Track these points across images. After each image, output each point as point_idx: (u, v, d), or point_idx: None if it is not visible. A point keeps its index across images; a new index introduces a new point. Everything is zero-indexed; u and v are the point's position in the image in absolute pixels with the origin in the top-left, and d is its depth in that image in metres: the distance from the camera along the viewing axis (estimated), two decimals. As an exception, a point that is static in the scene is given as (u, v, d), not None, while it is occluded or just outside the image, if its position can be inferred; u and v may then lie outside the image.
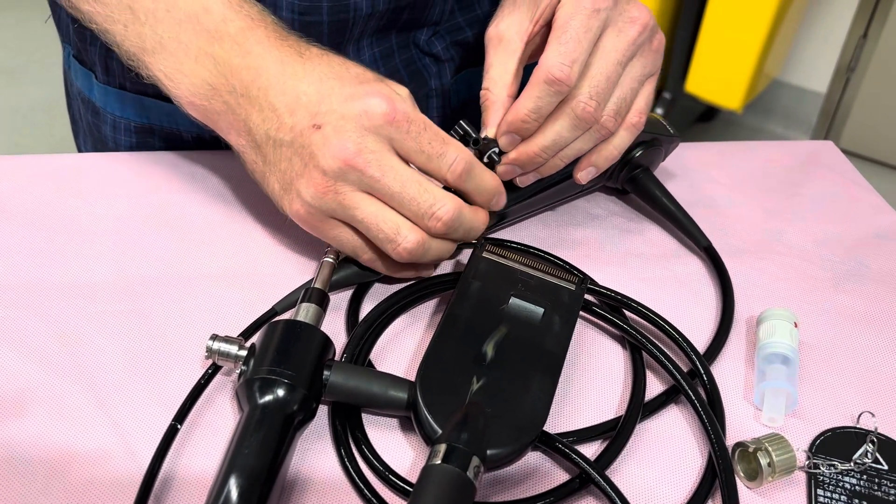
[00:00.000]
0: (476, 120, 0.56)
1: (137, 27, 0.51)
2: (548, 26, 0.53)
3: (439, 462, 0.40)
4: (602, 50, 0.52)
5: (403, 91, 0.50)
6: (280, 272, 0.56)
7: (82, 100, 0.76)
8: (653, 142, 0.62)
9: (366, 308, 0.53)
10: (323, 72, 0.49)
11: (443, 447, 0.40)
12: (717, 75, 2.27)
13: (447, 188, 0.51)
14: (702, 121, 2.72)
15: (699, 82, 2.31)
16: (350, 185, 0.47)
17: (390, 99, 0.48)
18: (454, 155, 0.49)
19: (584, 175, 0.56)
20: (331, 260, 0.52)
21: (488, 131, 0.54)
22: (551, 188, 0.60)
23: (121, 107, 0.71)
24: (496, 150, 0.54)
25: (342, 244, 0.51)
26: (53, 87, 2.65)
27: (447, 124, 0.51)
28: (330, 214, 0.49)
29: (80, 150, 0.83)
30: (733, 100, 2.29)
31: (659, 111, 2.41)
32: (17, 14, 3.12)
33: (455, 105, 0.74)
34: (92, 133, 0.76)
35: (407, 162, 0.49)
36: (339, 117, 0.47)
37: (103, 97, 0.72)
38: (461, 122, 0.54)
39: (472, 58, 0.73)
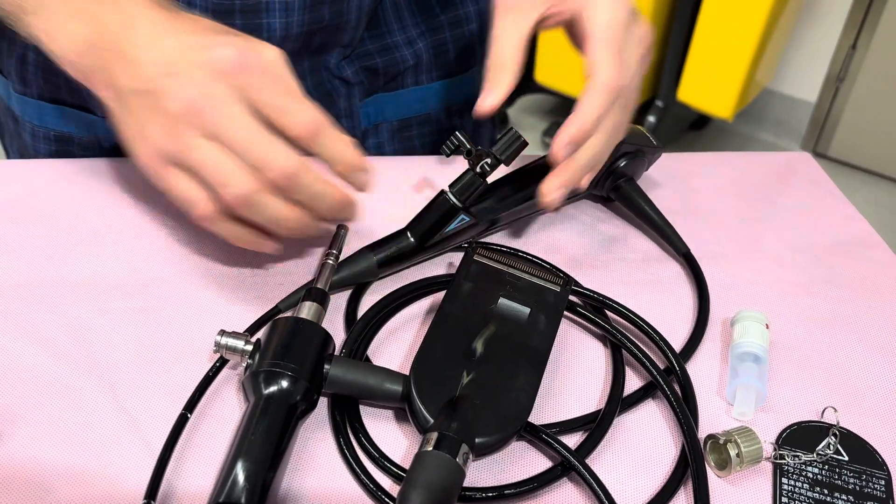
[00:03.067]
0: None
1: None
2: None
3: (431, 449, 0.43)
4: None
5: (271, 51, 0.49)
6: (282, 272, 0.59)
7: (3, 107, 0.78)
8: (636, 153, 0.66)
9: (364, 307, 0.57)
10: (187, 27, 0.50)
11: (434, 435, 0.44)
12: (709, 84, 2.31)
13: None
14: (693, 129, 2.77)
15: (691, 91, 2.34)
16: (194, 129, 0.48)
17: (242, 49, 0.48)
18: (306, 113, 0.49)
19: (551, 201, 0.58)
20: (331, 262, 0.55)
21: (492, 94, 0.56)
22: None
23: (39, 116, 0.73)
24: (488, 160, 0.57)
25: (181, 193, 0.50)
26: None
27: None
28: (171, 159, 0.49)
29: (7, 153, 0.85)
30: (724, 108, 2.32)
31: (651, 119, 2.45)
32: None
33: (365, 125, 0.77)
34: (14, 139, 0.78)
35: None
36: (190, 64, 0.48)
37: (21, 106, 0.74)
38: (456, 133, 0.58)
39: (381, 83, 0.76)
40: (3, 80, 0.75)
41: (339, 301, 0.57)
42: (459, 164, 0.59)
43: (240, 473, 0.42)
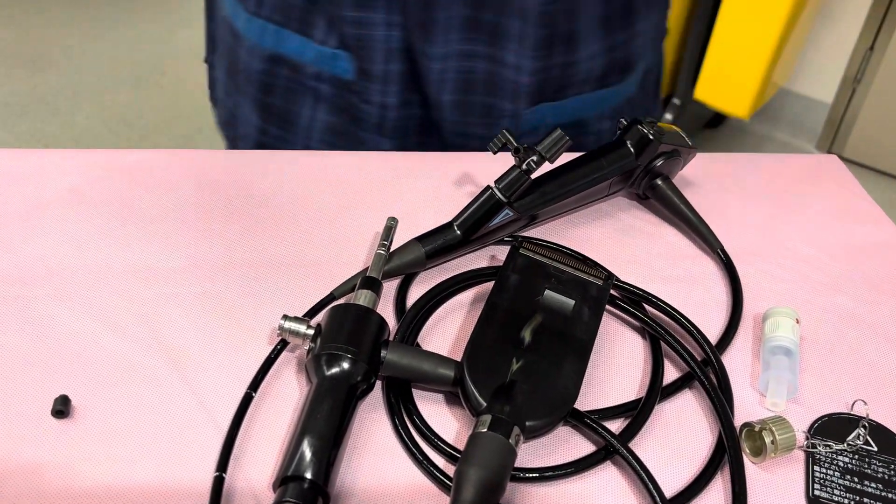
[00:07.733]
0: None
1: None
2: None
3: (486, 430, 0.46)
4: None
5: None
6: (335, 261, 0.62)
7: (227, 25, 0.86)
8: (673, 153, 0.68)
9: (412, 296, 0.59)
10: None
11: (488, 417, 0.46)
12: (726, 83, 2.32)
13: None
14: (709, 127, 2.78)
15: (708, 90, 2.35)
16: None
17: None
18: None
19: None
20: (383, 252, 0.58)
21: None
22: (578, 193, 0.66)
23: (260, 35, 0.81)
24: (534, 158, 0.60)
25: None
26: (77, 75, 2.70)
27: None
28: None
29: (210, 69, 0.95)
30: (741, 107, 2.34)
31: (668, 117, 2.47)
32: (41, 1, 3.17)
33: (525, 129, 0.79)
34: (225, 56, 0.88)
35: None
36: None
37: (246, 25, 0.82)
38: (504, 130, 0.60)
39: (550, 94, 0.78)
40: (233, 2, 0.83)
41: (388, 290, 0.60)
42: (504, 161, 0.62)
43: (306, 449, 0.45)
